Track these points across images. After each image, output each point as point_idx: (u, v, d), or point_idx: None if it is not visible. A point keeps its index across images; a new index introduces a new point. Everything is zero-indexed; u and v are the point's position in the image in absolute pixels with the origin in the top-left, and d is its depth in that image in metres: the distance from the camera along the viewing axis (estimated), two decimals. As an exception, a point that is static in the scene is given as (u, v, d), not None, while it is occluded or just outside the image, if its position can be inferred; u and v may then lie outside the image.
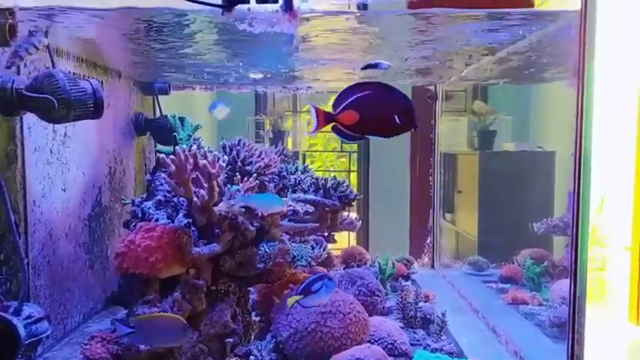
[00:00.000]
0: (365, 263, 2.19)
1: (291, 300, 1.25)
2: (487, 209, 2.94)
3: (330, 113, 1.14)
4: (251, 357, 1.35)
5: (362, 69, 1.36)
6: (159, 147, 2.20)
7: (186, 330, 1.20)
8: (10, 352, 1.14)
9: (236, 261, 1.40)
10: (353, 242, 3.69)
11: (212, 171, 1.32)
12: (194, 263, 1.34)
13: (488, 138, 3.14)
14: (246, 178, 1.46)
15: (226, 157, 1.43)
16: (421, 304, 1.72)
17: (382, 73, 2.06)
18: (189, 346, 1.31)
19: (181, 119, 1.99)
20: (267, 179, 1.67)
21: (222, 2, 1.08)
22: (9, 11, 1.25)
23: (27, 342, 1.16)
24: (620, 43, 1.87)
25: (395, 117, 1.12)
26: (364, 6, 1.26)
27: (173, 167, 1.30)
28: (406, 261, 2.34)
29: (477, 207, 2.97)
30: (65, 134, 1.60)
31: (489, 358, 1.56)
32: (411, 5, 1.25)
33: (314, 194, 1.76)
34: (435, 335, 1.58)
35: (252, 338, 1.48)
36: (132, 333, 1.19)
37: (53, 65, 1.35)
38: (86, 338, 1.38)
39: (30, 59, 1.30)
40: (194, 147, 1.40)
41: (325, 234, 1.88)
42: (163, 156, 1.32)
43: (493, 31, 1.44)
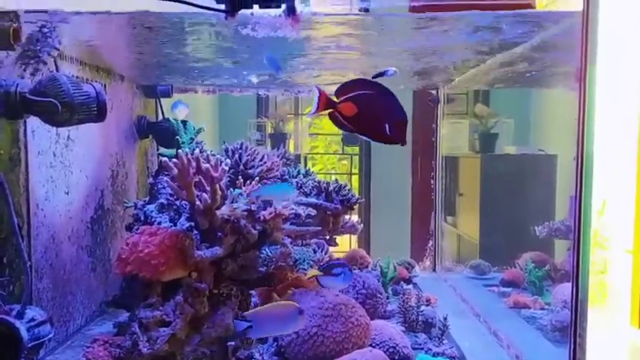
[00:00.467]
0: (366, 267, 2.19)
1: (311, 273, 1.25)
2: (489, 212, 2.94)
3: (332, 100, 1.15)
4: (253, 360, 1.35)
5: (372, 77, 1.38)
6: (161, 150, 2.20)
7: (301, 314, 1.20)
8: (13, 355, 1.14)
9: (238, 264, 1.40)
10: (355, 245, 3.69)
11: (214, 174, 1.32)
12: (196, 266, 1.34)
13: (489, 141, 3.14)
14: (248, 182, 1.46)
15: (229, 161, 1.43)
16: (423, 308, 1.72)
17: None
18: (191, 350, 1.31)
19: (184, 122, 1.99)
20: (269, 182, 1.67)
21: (225, 7, 1.08)
22: (13, 15, 1.26)
23: (29, 345, 1.16)
24: (622, 47, 1.87)
25: (386, 126, 1.13)
26: (366, 10, 1.26)
27: (176, 170, 1.30)
28: (408, 264, 2.34)
29: (479, 210, 2.98)
30: (68, 137, 1.61)
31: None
32: (413, 9, 1.26)
33: (316, 198, 1.76)
34: (437, 339, 1.57)
35: (253, 342, 1.48)
36: (250, 327, 1.20)
37: (57, 69, 1.36)
38: (88, 341, 1.38)
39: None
40: (196, 150, 1.40)
41: (327, 237, 1.88)
42: (166, 159, 1.32)
43: (493, 34, 1.44)
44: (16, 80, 1.23)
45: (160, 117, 2.30)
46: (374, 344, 1.43)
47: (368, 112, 1.14)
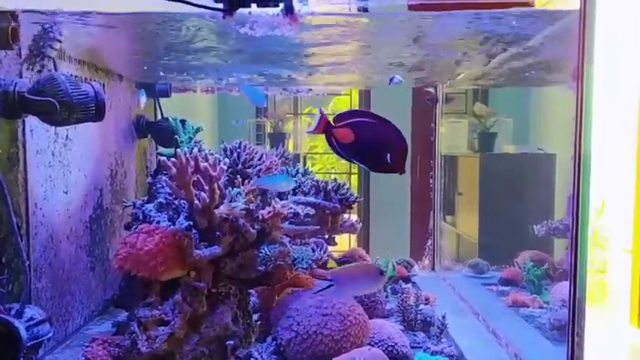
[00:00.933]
0: (365, 265, 2.18)
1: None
2: (488, 211, 2.94)
3: (331, 123, 1.14)
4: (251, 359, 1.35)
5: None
6: (160, 149, 2.21)
7: (381, 274, 1.21)
8: (12, 355, 1.14)
9: (237, 263, 1.40)
10: (354, 245, 3.69)
11: (213, 174, 1.32)
12: (195, 266, 1.34)
13: (488, 140, 3.14)
14: (247, 181, 1.46)
15: (227, 160, 1.44)
16: (421, 307, 1.72)
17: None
18: (189, 349, 1.31)
19: (182, 122, 1.99)
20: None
21: (223, 6, 1.08)
22: (11, 14, 1.26)
23: (28, 344, 1.16)
24: (620, 45, 1.87)
25: (388, 155, 1.12)
26: (364, 9, 1.26)
27: (174, 170, 1.30)
28: (406, 263, 2.34)
29: (478, 209, 2.97)
30: (67, 137, 1.61)
31: (490, 361, 1.56)
32: (412, 7, 1.25)
33: (314, 197, 1.76)
34: (436, 338, 1.58)
35: (252, 341, 1.48)
36: (331, 286, 1.19)
37: (55, 68, 1.36)
38: (87, 340, 1.38)
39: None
40: (195, 149, 1.40)
41: (326, 236, 1.89)
42: (164, 158, 1.32)
43: (493, 33, 1.44)
44: (15, 79, 1.23)
45: (159, 116, 2.30)
46: (372, 343, 1.43)
47: (366, 140, 1.13)
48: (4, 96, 1.20)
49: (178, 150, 1.33)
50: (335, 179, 1.84)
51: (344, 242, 3.56)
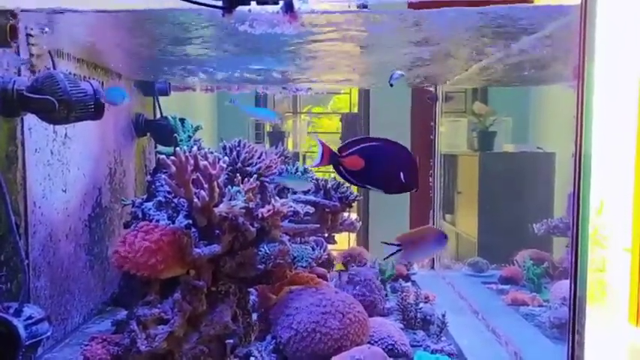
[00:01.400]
0: (365, 264, 2.18)
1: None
2: (487, 210, 2.94)
3: (336, 153, 1.14)
4: (251, 358, 1.35)
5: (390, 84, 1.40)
6: (159, 148, 2.20)
7: (446, 237, 1.24)
8: (11, 353, 1.14)
9: (236, 262, 1.40)
10: (353, 243, 3.69)
11: (212, 172, 1.32)
12: (194, 264, 1.34)
13: (488, 139, 3.14)
14: (246, 179, 1.46)
15: (227, 158, 1.43)
16: (421, 305, 1.72)
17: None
18: (189, 347, 1.31)
19: (181, 120, 1.99)
20: (267, 180, 1.66)
21: (223, 4, 1.08)
22: (11, 13, 1.25)
23: (27, 343, 1.16)
24: (620, 43, 1.87)
25: (401, 174, 1.12)
26: (364, 6, 1.26)
27: (173, 168, 1.30)
28: (406, 262, 2.33)
29: (477, 208, 2.98)
30: (66, 135, 1.61)
31: None
32: (412, 5, 1.25)
33: (314, 195, 1.76)
34: (435, 336, 1.58)
35: (252, 339, 1.48)
36: (399, 250, 1.21)
37: (54, 66, 1.36)
38: (86, 339, 1.38)
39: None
40: (194, 148, 1.40)
41: (325, 235, 1.88)
42: (164, 157, 1.32)
43: (493, 30, 1.44)
44: (13, 77, 1.23)
45: (158, 115, 2.29)
46: (372, 341, 1.43)
47: (377, 163, 1.13)
48: (3, 94, 1.19)
49: (178, 148, 1.33)
50: (334, 178, 1.84)
51: (343, 241, 3.56)
